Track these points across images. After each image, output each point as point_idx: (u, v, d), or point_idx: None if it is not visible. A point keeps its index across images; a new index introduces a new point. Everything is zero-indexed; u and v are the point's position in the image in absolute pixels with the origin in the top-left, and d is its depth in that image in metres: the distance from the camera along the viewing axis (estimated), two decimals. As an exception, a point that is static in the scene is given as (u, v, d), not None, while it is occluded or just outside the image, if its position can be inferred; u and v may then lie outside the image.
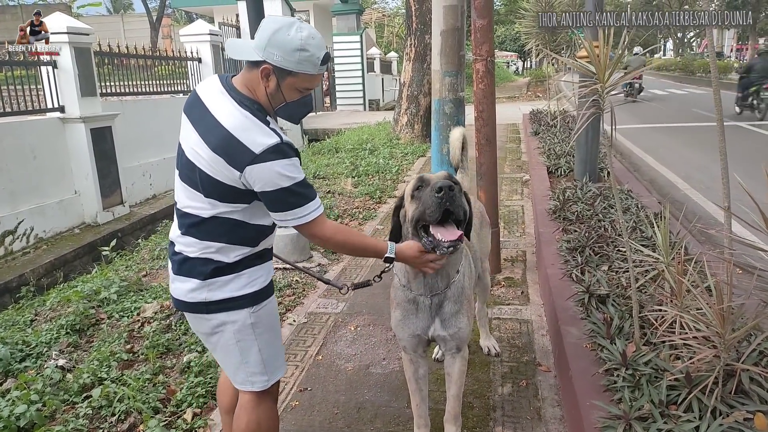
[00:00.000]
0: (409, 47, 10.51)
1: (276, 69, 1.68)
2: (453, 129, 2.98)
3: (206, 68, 10.46)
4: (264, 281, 1.86)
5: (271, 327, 1.91)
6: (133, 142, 8.28)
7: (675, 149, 9.61)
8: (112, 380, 2.86)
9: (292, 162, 1.68)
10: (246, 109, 1.69)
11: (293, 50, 1.65)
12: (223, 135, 1.65)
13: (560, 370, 2.71)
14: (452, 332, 2.04)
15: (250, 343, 1.84)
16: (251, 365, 1.86)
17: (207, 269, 1.76)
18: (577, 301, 2.97)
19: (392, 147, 9.87)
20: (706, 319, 2.03)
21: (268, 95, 1.73)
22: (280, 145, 1.66)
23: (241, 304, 1.80)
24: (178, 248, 1.82)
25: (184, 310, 1.87)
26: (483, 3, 3.87)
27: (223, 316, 1.80)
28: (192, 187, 1.75)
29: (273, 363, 1.92)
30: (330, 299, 3.89)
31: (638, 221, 3.97)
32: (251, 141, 1.64)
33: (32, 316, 3.88)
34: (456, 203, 1.80)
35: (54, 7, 23.61)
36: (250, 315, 1.82)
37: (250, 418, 1.91)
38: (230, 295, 1.78)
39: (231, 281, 1.79)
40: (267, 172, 1.64)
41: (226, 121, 1.67)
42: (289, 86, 1.71)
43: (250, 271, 1.82)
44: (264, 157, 1.62)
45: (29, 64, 7.03)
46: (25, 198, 6.49)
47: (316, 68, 1.70)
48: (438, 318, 2.05)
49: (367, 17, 30.09)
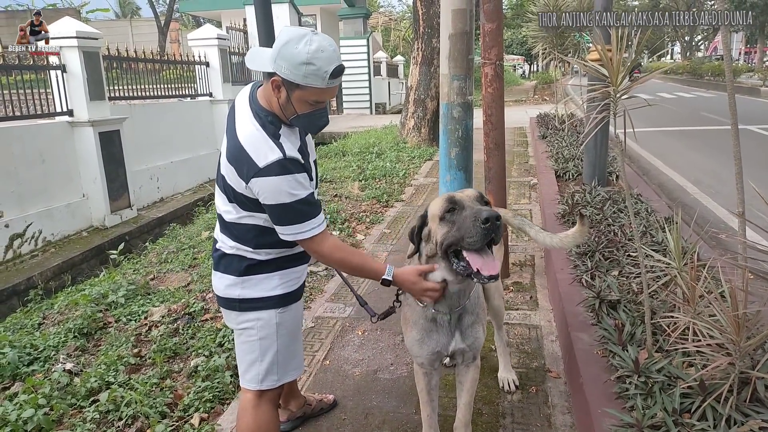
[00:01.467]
0: (416, 51, 10.50)
1: (285, 81, 1.68)
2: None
3: (214, 72, 10.51)
4: (294, 285, 1.96)
5: (294, 330, 2.01)
6: (141, 146, 8.33)
7: (684, 153, 9.54)
8: (119, 384, 2.85)
9: (294, 178, 1.71)
10: (258, 121, 1.74)
11: (300, 63, 1.64)
12: (236, 146, 1.73)
13: (571, 377, 2.68)
14: (470, 343, 2.00)
15: (271, 343, 1.94)
16: (266, 363, 1.95)
17: (242, 266, 1.88)
18: (587, 306, 2.94)
19: (399, 150, 9.85)
20: (721, 326, 2.00)
21: (280, 106, 1.75)
22: (283, 161, 1.69)
23: (270, 305, 1.90)
24: (218, 245, 1.95)
25: (220, 305, 1.99)
26: (492, 7, 3.86)
27: (252, 315, 1.90)
28: (221, 190, 1.87)
29: (286, 365, 1.99)
30: (337, 303, 3.87)
31: (648, 226, 3.93)
32: (257, 154, 1.69)
33: (40, 319, 3.89)
34: (500, 233, 1.71)
35: (63, 12, 23.84)
36: (276, 315, 1.92)
37: (248, 419, 1.98)
38: (261, 294, 1.89)
39: (263, 280, 1.89)
40: (269, 187, 1.69)
41: (240, 132, 1.75)
42: (298, 99, 1.72)
43: (282, 273, 1.92)
44: (267, 171, 1.68)
45: (39, 69, 7.08)
46: (33, 201, 6.53)
47: (324, 82, 1.68)
48: (458, 332, 1.99)
49: (374, 21, 30.17)
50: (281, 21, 14.69)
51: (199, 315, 3.66)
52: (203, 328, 3.47)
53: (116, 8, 38.50)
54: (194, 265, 4.74)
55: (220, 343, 3.24)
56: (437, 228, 1.82)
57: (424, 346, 2.00)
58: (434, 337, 1.98)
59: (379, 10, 34.72)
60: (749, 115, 13.63)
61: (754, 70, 29.36)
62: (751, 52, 41.89)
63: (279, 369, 1.97)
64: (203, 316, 3.65)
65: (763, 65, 29.38)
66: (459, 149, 4.05)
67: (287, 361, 1.99)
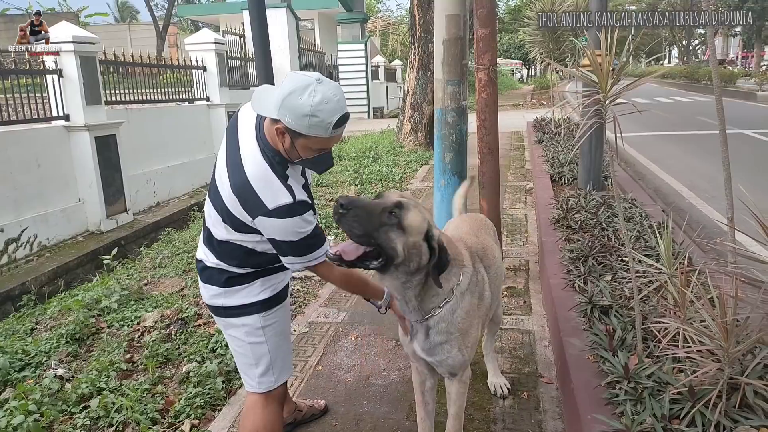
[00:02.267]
0: (413, 56, 10.53)
1: (288, 129, 1.68)
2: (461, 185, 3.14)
3: (211, 77, 10.51)
4: (275, 289, 2.00)
5: (281, 331, 2.05)
6: (137, 150, 8.31)
7: (680, 157, 9.56)
8: (110, 390, 2.85)
9: (302, 218, 1.74)
10: (267, 161, 1.75)
11: (303, 115, 1.63)
12: (243, 181, 1.73)
13: (562, 382, 2.68)
14: (438, 359, 1.98)
15: (261, 345, 1.99)
16: (261, 366, 2.01)
17: (222, 278, 1.93)
18: (579, 311, 2.94)
19: (396, 155, 9.87)
20: (710, 332, 2.00)
21: (285, 151, 1.75)
22: (293, 206, 1.72)
23: (253, 310, 1.95)
24: (199, 256, 2.00)
25: (210, 312, 2.07)
26: (485, 12, 3.87)
27: (238, 320, 1.96)
28: (214, 206, 1.88)
29: (281, 364, 2.05)
30: (331, 309, 3.86)
31: (642, 230, 3.93)
32: (266, 196, 1.70)
33: (33, 324, 3.88)
34: (343, 223, 1.69)
35: (62, 16, 23.84)
36: (260, 319, 1.97)
37: (255, 420, 2.04)
38: (243, 302, 1.94)
39: (244, 289, 1.94)
40: (277, 228, 1.73)
41: (248, 167, 1.74)
42: (302, 146, 1.72)
43: (262, 279, 1.96)
44: (276, 214, 1.70)
45: (35, 73, 7.08)
46: (29, 206, 6.51)
47: (327, 132, 1.68)
48: (419, 342, 1.98)
49: (372, 25, 30.24)
50: (279, 26, 14.72)
51: (192, 320, 3.65)
52: (196, 333, 3.47)
53: (115, 13, 38.57)
54: (188, 270, 4.74)
55: (213, 349, 3.24)
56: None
57: (403, 339, 2.11)
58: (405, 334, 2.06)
59: (377, 15, 34.80)
60: (746, 119, 13.66)
61: (750, 74, 29.45)
62: (748, 56, 42.04)
63: (274, 369, 2.03)
64: (196, 322, 3.64)
65: (759, 69, 29.46)
66: (453, 154, 4.05)
67: (281, 361, 2.05)
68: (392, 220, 1.73)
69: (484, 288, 2.14)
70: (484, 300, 2.13)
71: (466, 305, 1.99)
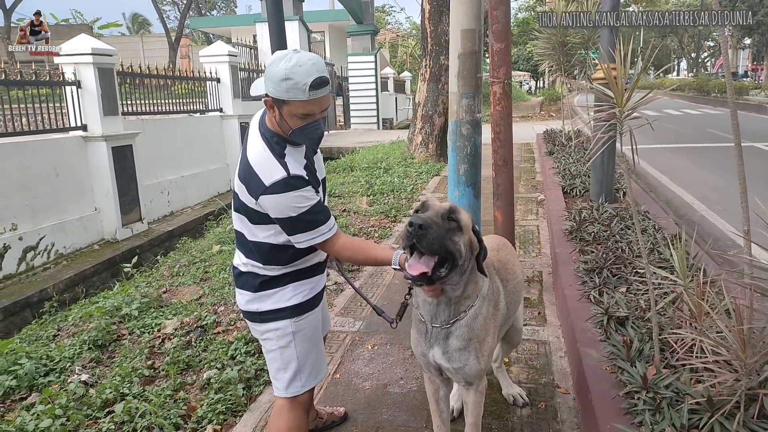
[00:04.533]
0: (424, 68, 10.63)
1: (274, 100, 1.82)
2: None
3: (224, 88, 10.66)
4: (307, 295, 2.06)
5: (311, 337, 2.10)
6: (152, 160, 8.44)
7: (691, 170, 9.57)
8: (134, 396, 2.90)
9: (299, 193, 1.83)
10: (265, 142, 1.88)
11: (280, 80, 1.77)
12: (246, 165, 1.87)
13: (579, 393, 2.71)
14: (456, 366, 1.99)
15: (291, 351, 2.05)
16: (289, 371, 2.06)
17: (256, 282, 2.01)
18: (595, 322, 2.97)
19: (407, 166, 9.93)
20: (727, 342, 2.03)
21: (277, 125, 1.88)
22: (288, 179, 1.82)
23: (285, 315, 2.02)
24: (235, 262, 2.10)
25: (244, 317, 2.12)
26: (500, 28, 3.94)
27: (271, 325, 2.03)
28: (235, 208, 1.99)
29: (308, 371, 2.10)
30: (347, 317, 3.91)
31: (656, 243, 3.96)
32: (263, 173, 1.82)
33: (55, 331, 3.95)
34: (424, 243, 1.72)
35: (76, 27, 24.25)
36: (291, 324, 2.03)
37: (280, 424, 2.10)
38: (275, 306, 2.01)
39: (276, 293, 2.01)
40: (276, 203, 1.82)
41: (250, 153, 1.89)
42: (288, 114, 1.83)
43: (294, 285, 2.03)
44: (273, 189, 1.81)
45: (55, 84, 7.23)
46: (46, 214, 6.63)
47: (305, 94, 1.78)
48: (439, 348, 2.00)
49: (382, 38, 30.48)
50: (292, 38, 14.91)
51: (211, 328, 3.71)
52: (215, 340, 3.52)
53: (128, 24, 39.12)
54: (206, 279, 4.81)
55: (232, 356, 3.29)
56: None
57: (416, 347, 2.12)
58: (420, 339, 2.08)
59: (386, 27, 35.09)
60: (756, 132, 13.64)
61: (760, 87, 29.40)
62: (758, 69, 41.95)
63: (302, 375, 2.08)
64: (215, 329, 3.70)
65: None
66: (468, 165, 4.11)
67: (309, 367, 2.10)
68: (452, 224, 1.81)
69: (499, 298, 2.18)
70: (499, 310, 2.17)
71: (485, 312, 2.03)
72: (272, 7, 4.97)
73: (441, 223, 1.79)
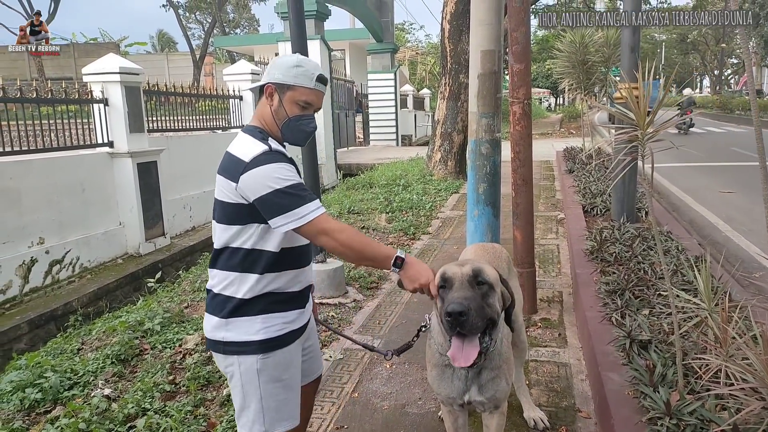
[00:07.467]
0: (444, 86, 10.70)
1: (277, 86, 1.88)
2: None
3: (247, 106, 10.83)
4: (278, 330, 1.86)
5: (279, 378, 1.87)
6: (175, 176, 8.59)
7: (715, 189, 9.42)
8: (155, 411, 2.93)
9: (281, 166, 1.78)
10: (248, 133, 1.88)
11: (290, 66, 1.86)
12: (226, 157, 1.86)
13: (601, 417, 2.67)
14: (489, 396, 1.96)
15: (254, 390, 1.85)
16: (251, 412, 1.86)
17: (226, 307, 1.84)
18: (617, 345, 2.94)
19: (426, 183, 9.96)
20: (754, 369, 1.99)
21: (273, 113, 1.90)
22: (269, 152, 1.79)
23: (251, 350, 1.83)
24: (208, 284, 1.94)
25: (208, 347, 1.94)
26: (520, 49, 3.97)
27: (234, 359, 1.85)
28: (215, 219, 1.90)
29: (273, 416, 1.87)
30: (365, 336, 3.92)
31: (679, 264, 3.91)
32: (243, 153, 1.80)
33: (79, 344, 4.02)
34: (468, 327, 1.65)
35: (103, 46, 24.91)
36: (257, 361, 1.84)
37: None
38: (241, 338, 1.83)
39: (246, 323, 1.83)
40: (257, 177, 1.74)
41: (231, 146, 1.88)
42: (289, 100, 1.88)
43: (265, 317, 1.85)
44: (253, 163, 1.75)
45: (83, 102, 7.43)
46: (72, 229, 6.77)
47: (312, 82, 1.87)
48: (475, 385, 1.95)
49: (401, 55, 30.75)
50: (314, 56, 15.09)
51: (231, 344, 3.74)
52: (235, 357, 3.55)
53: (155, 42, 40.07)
54: (226, 295, 4.85)
55: (252, 373, 3.31)
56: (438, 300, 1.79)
57: (441, 387, 2.01)
58: (449, 383, 1.97)
59: (406, 45, 35.41)
60: (782, 150, 13.39)
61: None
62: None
63: (266, 419, 1.86)
64: (235, 346, 3.73)
65: (795, 100, 28.91)
66: (487, 185, 4.12)
67: (273, 411, 1.87)
68: (483, 288, 1.74)
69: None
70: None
71: (505, 331, 2.00)
72: (295, 26, 5.07)
73: (474, 294, 1.70)
